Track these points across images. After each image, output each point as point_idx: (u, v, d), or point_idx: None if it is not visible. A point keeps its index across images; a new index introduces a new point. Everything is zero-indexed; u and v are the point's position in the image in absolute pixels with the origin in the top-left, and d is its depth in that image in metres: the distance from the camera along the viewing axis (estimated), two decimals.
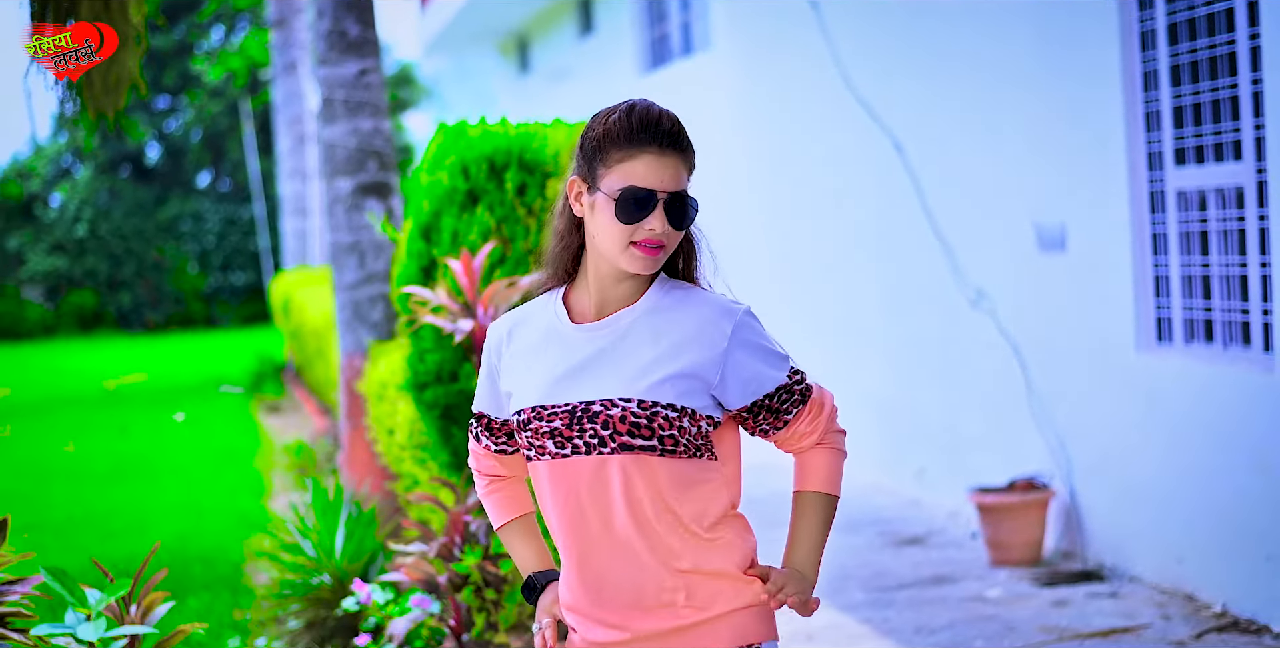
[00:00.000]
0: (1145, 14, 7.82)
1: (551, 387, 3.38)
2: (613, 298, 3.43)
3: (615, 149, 3.33)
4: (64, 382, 27.27)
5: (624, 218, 3.31)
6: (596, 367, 3.37)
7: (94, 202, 43.28)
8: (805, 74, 12.08)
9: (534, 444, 3.39)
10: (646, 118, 3.35)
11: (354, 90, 9.86)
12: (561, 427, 3.35)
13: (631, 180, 3.31)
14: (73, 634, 5.22)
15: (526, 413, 3.39)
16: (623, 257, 3.34)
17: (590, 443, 3.34)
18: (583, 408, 3.35)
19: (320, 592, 7.54)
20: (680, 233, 3.40)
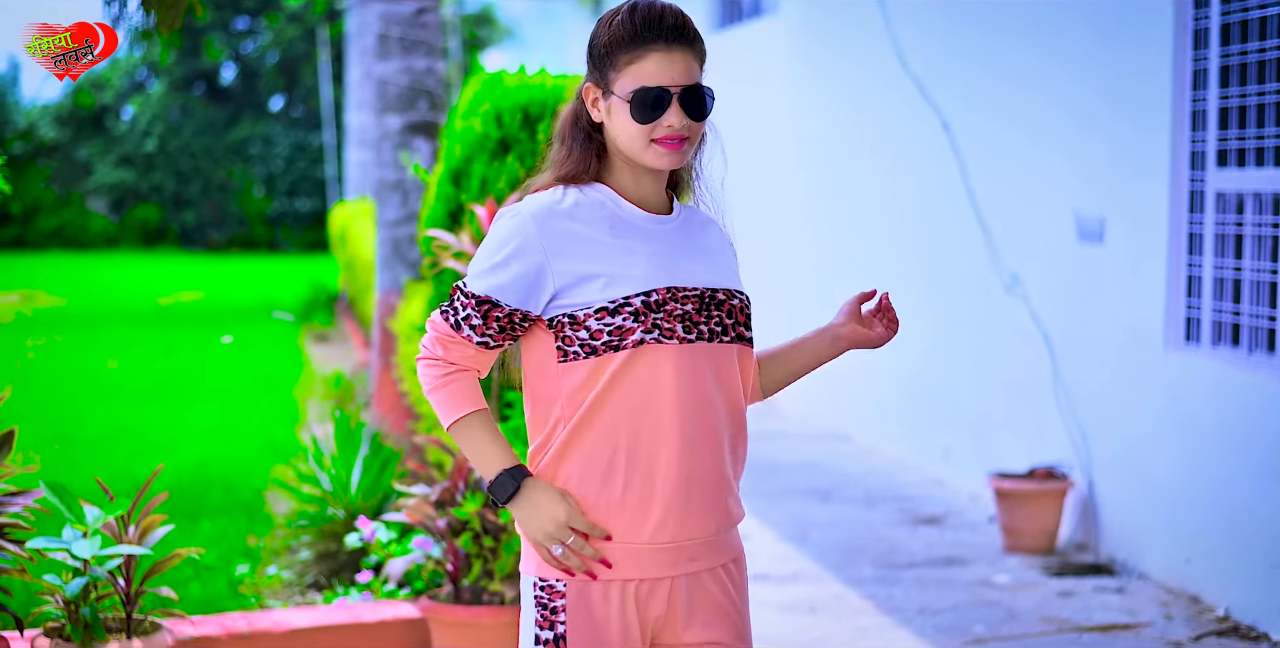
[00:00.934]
0: (1200, 12, 7.76)
1: (674, 268, 3.37)
2: (652, 195, 3.47)
3: (622, 51, 3.34)
4: (120, 295, 27.41)
5: (640, 118, 3.33)
6: (697, 255, 3.44)
7: (165, 117, 43.40)
8: (861, 46, 12.04)
9: (660, 326, 3.31)
10: (649, 15, 3.34)
11: (410, 28, 9.86)
12: (693, 310, 3.36)
13: (643, 81, 3.33)
14: (68, 550, 5.27)
15: (661, 293, 3.32)
16: (646, 154, 3.37)
17: (715, 330, 3.39)
18: (710, 293, 3.39)
19: (333, 525, 7.60)
20: (701, 123, 3.41)
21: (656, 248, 3.39)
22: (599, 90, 3.40)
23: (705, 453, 3.37)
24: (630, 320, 3.30)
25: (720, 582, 3.47)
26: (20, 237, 42.36)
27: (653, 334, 3.31)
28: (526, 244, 3.34)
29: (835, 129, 12.90)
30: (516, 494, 3.36)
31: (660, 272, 3.35)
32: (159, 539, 5.61)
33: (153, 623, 5.57)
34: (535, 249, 3.34)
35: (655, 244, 3.40)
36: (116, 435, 12.23)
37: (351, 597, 6.78)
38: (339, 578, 7.42)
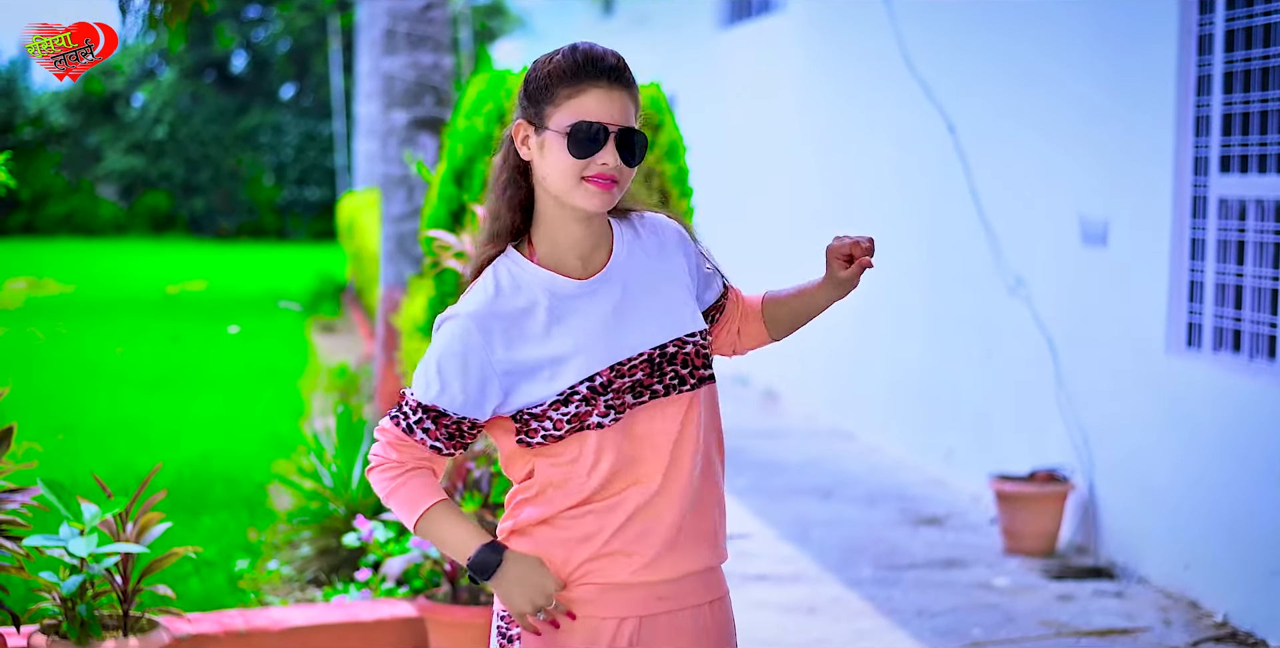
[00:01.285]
0: (1205, 18, 7.75)
1: (611, 344, 3.32)
2: (591, 247, 3.40)
3: (563, 86, 3.28)
4: (127, 283, 27.43)
5: (576, 152, 3.25)
6: (634, 314, 3.37)
7: (176, 104, 43.43)
8: (868, 46, 12.02)
9: (612, 406, 3.28)
10: (591, 54, 3.30)
11: (417, 23, 9.85)
12: (643, 377, 3.32)
13: (581, 115, 3.25)
14: (64, 547, 5.28)
15: (604, 375, 3.28)
16: (577, 193, 3.28)
17: (671, 384, 3.35)
18: (659, 352, 3.35)
19: (333, 521, 7.60)
20: (632, 170, 3.33)
21: (591, 323, 3.33)
22: (531, 127, 3.33)
23: (678, 501, 3.36)
24: (583, 405, 3.28)
25: (694, 625, 3.44)
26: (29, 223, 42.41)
27: (607, 418, 3.29)
28: (469, 352, 3.31)
29: (841, 128, 12.89)
30: (499, 569, 3.33)
31: (599, 352, 3.31)
32: (157, 536, 5.62)
33: (149, 621, 5.58)
34: (478, 357, 3.31)
35: (590, 318, 3.33)
36: (120, 426, 12.23)
37: (350, 595, 6.78)
38: (339, 574, 7.43)
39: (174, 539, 7.52)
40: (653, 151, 6.82)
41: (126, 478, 9.00)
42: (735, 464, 11.09)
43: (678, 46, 18.36)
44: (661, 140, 6.87)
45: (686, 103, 17.52)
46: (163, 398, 13.88)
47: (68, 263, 31.87)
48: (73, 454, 10.56)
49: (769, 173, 14.72)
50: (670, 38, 18.85)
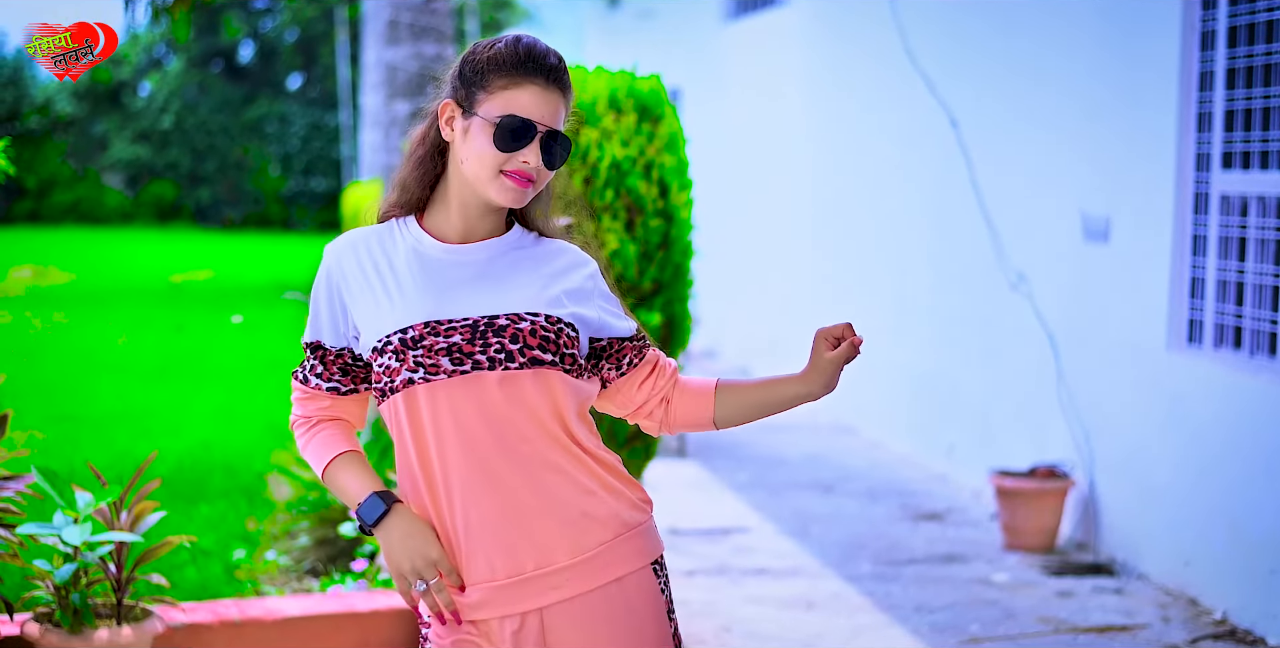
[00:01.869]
0: (1208, 14, 7.73)
1: (439, 301, 3.24)
2: (477, 229, 3.34)
3: (499, 75, 3.23)
4: (132, 272, 27.44)
5: (501, 145, 3.20)
6: (483, 283, 3.28)
7: (182, 94, 43.45)
8: (871, 40, 12.01)
9: (424, 363, 3.17)
10: (534, 50, 3.26)
11: (420, 15, 9.84)
12: (462, 341, 3.19)
13: (513, 109, 3.21)
14: (58, 535, 5.27)
15: (418, 328, 3.19)
16: (492, 185, 3.23)
17: (495, 358, 3.20)
18: (486, 321, 3.22)
19: (331, 511, 7.59)
20: (550, 173, 3.29)
21: (432, 281, 3.27)
22: (459, 109, 3.28)
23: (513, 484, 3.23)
24: (394, 360, 3.22)
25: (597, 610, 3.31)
26: (35, 211, 42.44)
27: (418, 373, 3.20)
28: (327, 284, 3.33)
29: (844, 122, 12.87)
30: (385, 517, 3.23)
31: (421, 306, 3.24)
32: (153, 525, 5.61)
33: (143, 610, 5.57)
34: (335, 289, 3.32)
35: (433, 277, 3.28)
36: (121, 415, 12.24)
37: (346, 585, 6.77)
38: (337, 565, 7.42)
39: (172, 528, 7.52)
40: (652, 143, 6.80)
41: (126, 467, 8.99)
42: (736, 458, 11.09)
43: (683, 40, 18.34)
44: (662, 132, 6.85)
45: (691, 96, 17.51)
46: (165, 387, 13.89)
47: (73, 251, 31.88)
48: (74, 443, 10.56)
49: (771, 167, 14.71)
50: (675, 31, 18.84)
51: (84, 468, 7.03)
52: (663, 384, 3.50)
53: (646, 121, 6.85)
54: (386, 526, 3.22)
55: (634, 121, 6.79)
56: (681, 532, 8.92)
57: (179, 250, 33.58)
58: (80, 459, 9.31)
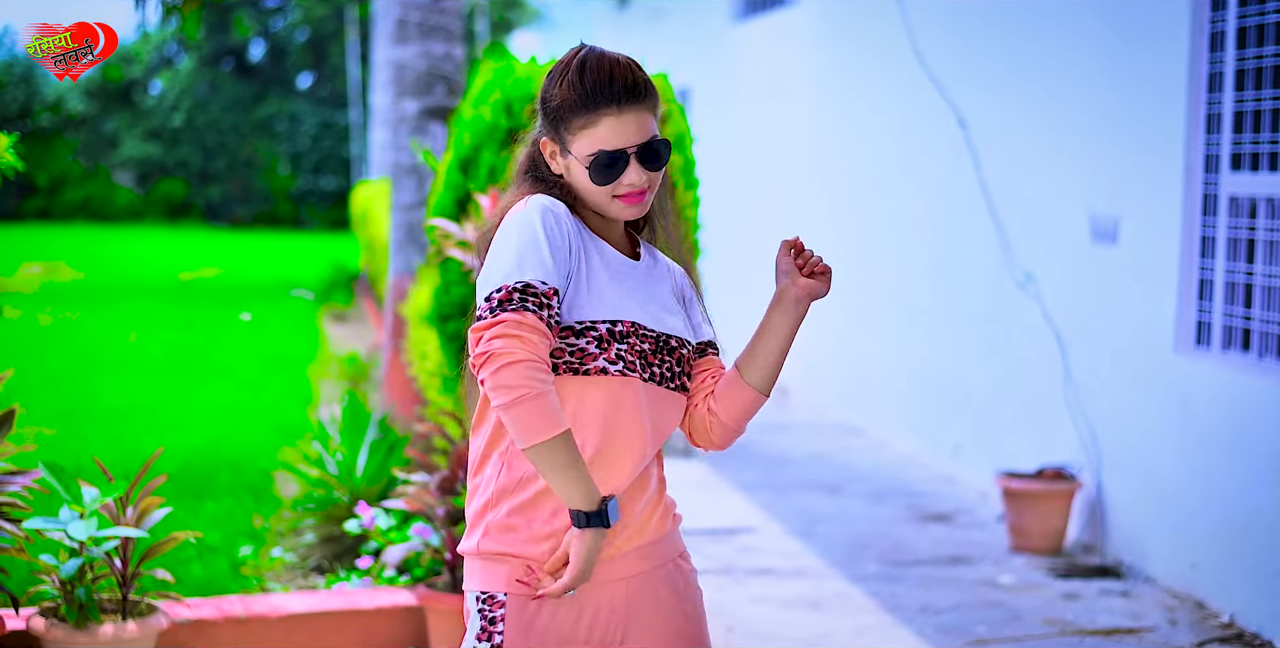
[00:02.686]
0: (1217, 15, 7.72)
1: (642, 307, 3.39)
2: (616, 236, 3.49)
3: (575, 115, 3.32)
4: (142, 269, 27.46)
5: (599, 180, 3.33)
6: (656, 301, 3.45)
7: (193, 92, 43.49)
8: (879, 40, 12.00)
9: (624, 358, 3.32)
10: (598, 78, 3.31)
11: (429, 13, 9.84)
12: (649, 350, 3.37)
13: (598, 145, 3.30)
14: (64, 531, 5.28)
15: (627, 326, 3.33)
16: (610, 209, 3.38)
17: (664, 374, 3.41)
18: (665, 339, 3.41)
19: (337, 509, 7.59)
20: (659, 173, 3.40)
21: (627, 286, 3.40)
22: (555, 146, 3.39)
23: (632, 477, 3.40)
24: (593, 346, 3.28)
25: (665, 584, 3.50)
26: (46, 208, 42.50)
27: (617, 365, 3.30)
28: (562, 232, 3.29)
29: (852, 122, 12.86)
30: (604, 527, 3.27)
31: (631, 306, 3.36)
32: (158, 521, 5.62)
33: (148, 605, 5.58)
34: (568, 238, 3.30)
35: (627, 283, 3.40)
36: (129, 411, 12.24)
37: (351, 582, 6.77)
38: (342, 562, 7.42)
39: (179, 524, 7.51)
40: None
41: (133, 462, 8.98)
42: (743, 458, 11.08)
43: (692, 39, 18.34)
44: (668, 131, 6.85)
45: (700, 96, 17.51)
46: (173, 384, 13.89)
47: (83, 249, 31.91)
48: (82, 439, 10.57)
49: (780, 166, 14.70)
50: (684, 31, 18.84)
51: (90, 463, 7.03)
52: (710, 382, 3.57)
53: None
54: (600, 534, 3.27)
55: None
56: (687, 532, 8.89)
57: (188, 248, 33.60)
58: (87, 455, 9.29)
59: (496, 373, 3.09)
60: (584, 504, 3.21)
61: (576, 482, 3.19)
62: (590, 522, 3.22)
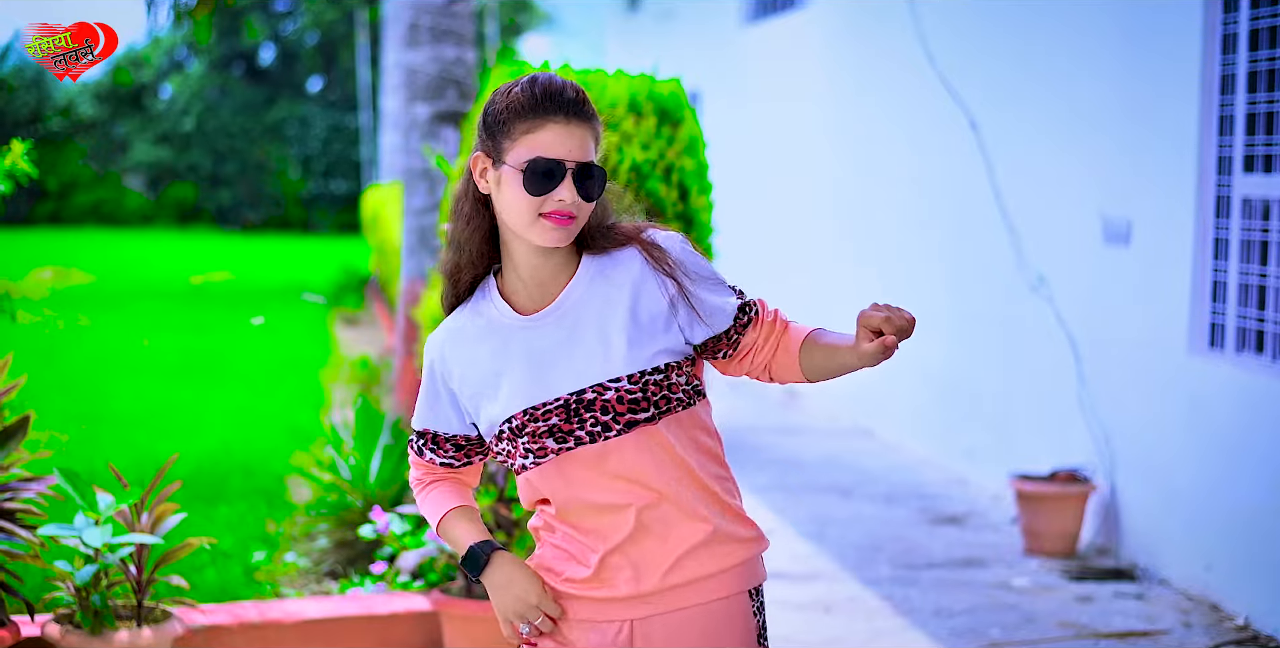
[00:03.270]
0: (1229, 17, 7.71)
1: (531, 385, 3.30)
2: (549, 277, 3.36)
3: (519, 121, 3.23)
4: (153, 273, 27.49)
5: (532, 189, 3.21)
6: (566, 355, 3.31)
7: (203, 96, 43.54)
8: (890, 42, 12.00)
9: (531, 450, 3.29)
10: (550, 88, 3.25)
11: (441, 17, 9.85)
12: (559, 422, 3.27)
13: (538, 151, 3.21)
14: (79, 537, 5.29)
15: (519, 418, 3.28)
16: (533, 229, 3.25)
17: (593, 432, 3.28)
18: (575, 398, 3.28)
19: (351, 513, 7.60)
20: (590, 204, 3.28)
21: (525, 358, 3.32)
22: (489, 160, 3.29)
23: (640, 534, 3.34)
24: (509, 445, 3.34)
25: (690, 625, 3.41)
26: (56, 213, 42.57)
27: (528, 459, 3.32)
28: (431, 376, 3.44)
29: (864, 124, 12.86)
30: (487, 567, 3.39)
31: (519, 394, 3.31)
32: (173, 527, 5.63)
33: (163, 611, 5.58)
34: (439, 379, 3.43)
35: (529, 352, 3.33)
36: (142, 416, 12.26)
37: (365, 588, 6.77)
38: (356, 567, 7.42)
39: (192, 530, 7.52)
40: (672, 146, 6.80)
41: (147, 468, 9.01)
42: (755, 461, 11.08)
43: (702, 42, 18.34)
44: (681, 135, 6.84)
45: (711, 98, 17.51)
46: (185, 389, 13.91)
47: (94, 253, 31.95)
48: (95, 444, 10.58)
49: (791, 169, 14.69)
50: (695, 33, 18.84)
51: (104, 469, 7.04)
52: (768, 350, 3.46)
53: (666, 125, 6.84)
54: (488, 575, 3.39)
55: (654, 125, 6.78)
56: None
57: (199, 252, 33.64)
58: (100, 460, 9.32)
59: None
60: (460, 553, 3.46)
61: (455, 546, 3.47)
62: (467, 574, 3.45)
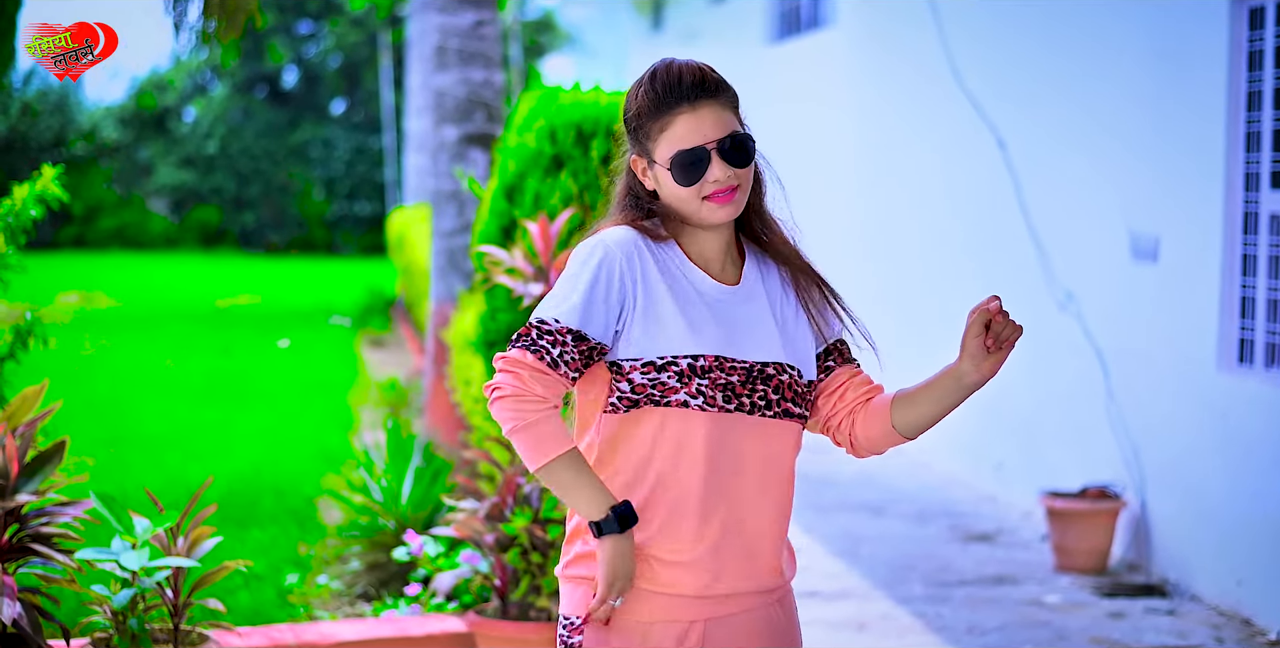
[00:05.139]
0: (1255, 34, 7.72)
1: (729, 339, 3.39)
2: (716, 256, 3.49)
3: (651, 120, 3.39)
4: (178, 296, 27.55)
5: (684, 180, 3.36)
6: (751, 328, 3.43)
7: (227, 119, 43.60)
8: (917, 61, 12.02)
9: (705, 393, 3.35)
10: (667, 79, 3.39)
11: (468, 40, 9.89)
12: (738, 382, 3.37)
13: (677, 145, 3.36)
14: (116, 561, 5.30)
15: (709, 360, 3.35)
16: (702, 211, 3.39)
17: (758, 404, 3.40)
18: (759, 368, 3.40)
19: (383, 536, 7.61)
20: (747, 170, 3.42)
21: (713, 316, 3.41)
22: (644, 161, 3.44)
23: (731, 518, 3.40)
24: (674, 380, 3.34)
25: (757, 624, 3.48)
26: (81, 236, 42.62)
27: (697, 400, 3.34)
28: (615, 275, 3.36)
29: (891, 144, 12.87)
30: (624, 532, 3.33)
31: (712, 339, 3.37)
32: (208, 550, 5.64)
33: (200, 634, 5.59)
34: (622, 283, 3.37)
35: (713, 312, 3.41)
36: (171, 438, 12.29)
37: (400, 609, 6.79)
38: (389, 589, 7.43)
39: (224, 552, 7.53)
40: None
41: (177, 490, 9.03)
42: None
43: (727, 62, 18.24)
44: None
45: None
46: (213, 411, 13.94)
47: (119, 277, 32.01)
48: (124, 466, 10.62)
49: (817, 188, 14.70)
50: (719, 53, 18.86)
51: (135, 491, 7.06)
52: (852, 397, 3.61)
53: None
54: (622, 538, 3.33)
55: None
56: None
57: (224, 275, 33.69)
58: (131, 482, 9.35)
59: (491, 405, 3.34)
60: (593, 514, 3.31)
61: (580, 495, 3.32)
62: (602, 530, 3.31)
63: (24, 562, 5.21)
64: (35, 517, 5.25)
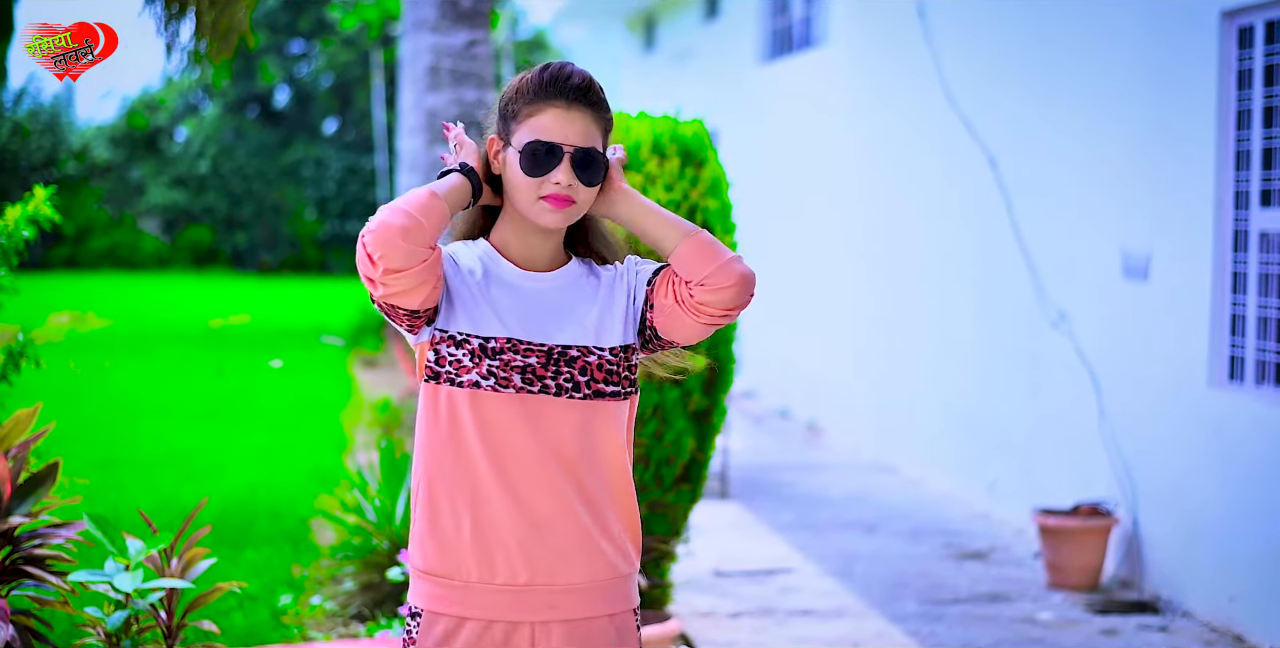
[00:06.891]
0: (1244, 53, 7.75)
1: (523, 322, 3.38)
2: (539, 256, 3.47)
3: (524, 104, 3.38)
4: (170, 317, 27.55)
5: (530, 171, 3.34)
6: (558, 312, 3.42)
7: (219, 139, 43.67)
8: (909, 81, 12.05)
9: (496, 374, 3.34)
10: (557, 74, 3.39)
11: (461, 60, 9.91)
12: (536, 364, 3.36)
13: (537, 134, 3.35)
14: (110, 583, 5.29)
15: (500, 342, 3.35)
16: (533, 210, 3.37)
17: (564, 386, 3.37)
18: (560, 350, 3.38)
19: (377, 556, 7.60)
20: (591, 189, 3.39)
21: (514, 302, 3.40)
22: (501, 142, 3.43)
23: (548, 502, 3.37)
24: (467, 359, 3.35)
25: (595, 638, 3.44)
26: (73, 257, 42.65)
27: (489, 381, 3.34)
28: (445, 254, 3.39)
29: (883, 163, 12.90)
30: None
31: (510, 322, 3.38)
32: (202, 572, 5.64)
33: None
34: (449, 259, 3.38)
35: (515, 299, 3.41)
36: (164, 459, 12.28)
37: (393, 630, 6.78)
38: (382, 610, 7.43)
39: (217, 573, 7.54)
40: (696, 187, 6.83)
41: (171, 511, 9.03)
42: (779, 499, 11.09)
43: (720, 81, 18.40)
44: (705, 176, 6.88)
45: (729, 137, 17.56)
46: (206, 432, 13.93)
47: (110, 297, 32.02)
48: (117, 487, 10.61)
49: (811, 208, 14.73)
50: (712, 72, 18.90)
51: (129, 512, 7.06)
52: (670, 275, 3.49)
53: (690, 166, 6.88)
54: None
55: (677, 166, 6.82)
56: (725, 573, 8.93)
57: (216, 295, 33.70)
58: (124, 504, 9.35)
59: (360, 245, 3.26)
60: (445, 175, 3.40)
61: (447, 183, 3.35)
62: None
63: (17, 584, 5.20)
64: (28, 539, 5.25)
